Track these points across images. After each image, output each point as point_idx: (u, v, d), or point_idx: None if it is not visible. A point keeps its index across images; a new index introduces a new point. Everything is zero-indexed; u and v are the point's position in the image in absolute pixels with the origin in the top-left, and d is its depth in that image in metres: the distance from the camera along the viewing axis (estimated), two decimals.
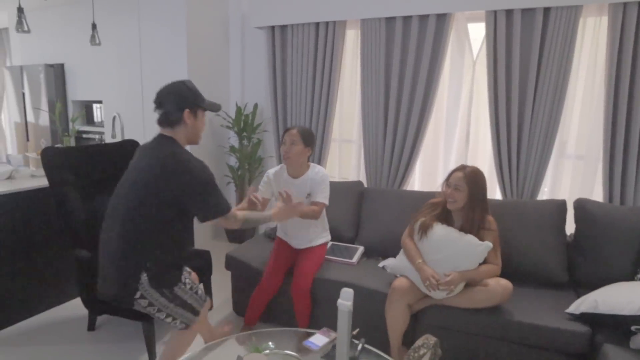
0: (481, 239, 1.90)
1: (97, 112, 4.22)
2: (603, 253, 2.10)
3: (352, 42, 3.33)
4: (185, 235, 1.70)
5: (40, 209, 2.47)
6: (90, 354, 2.19)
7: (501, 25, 2.67)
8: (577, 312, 1.78)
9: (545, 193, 2.91)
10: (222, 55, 3.73)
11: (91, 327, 2.40)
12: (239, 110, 3.59)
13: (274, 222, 1.91)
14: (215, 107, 1.73)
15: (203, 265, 2.52)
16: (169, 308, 1.64)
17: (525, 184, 2.76)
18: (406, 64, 2.99)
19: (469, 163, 3.04)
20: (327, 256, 2.44)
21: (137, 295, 1.57)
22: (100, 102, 4.01)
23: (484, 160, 3.04)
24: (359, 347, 1.54)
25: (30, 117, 4.50)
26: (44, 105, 4.21)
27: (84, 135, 4.28)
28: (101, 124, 4.20)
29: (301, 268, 2.22)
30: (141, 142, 3.86)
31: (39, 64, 4.16)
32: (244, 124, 3.62)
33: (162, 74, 3.50)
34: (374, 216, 2.62)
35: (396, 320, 1.96)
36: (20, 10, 2.69)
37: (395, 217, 2.51)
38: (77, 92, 4.17)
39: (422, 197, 2.57)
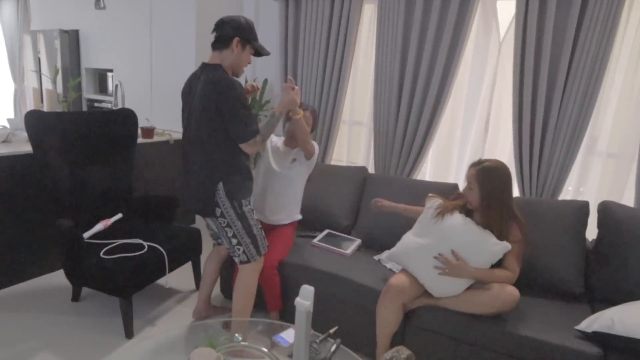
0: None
1: (110, 80, 4.16)
2: (627, 264, 1.85)
3: (368, 19, 3.10)
4: (240, 159, 1.81)
5: (33, 174, 2.41)
6: (72, 325, 2.15)
7: (534, 4, 2.38)
8: (589, 330, 1.57)
9: (569, 192, 2.64)
10: None
11: (75, 297, 2.35)
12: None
13: (280, 116, 1.89)
14: (264, 50, 1.86)
15: (193, 244, 2.43)
16: (237, 227, 1.83)
17: (547, 182, 2.50)
18: (425, 43, 2.75)
19: (487, 154, 2.83)
20: (319, 243, 2.30)
21: (215, 201, 1.78)
22: (111, 70, 3.94)
23: (503, 152, 2.78)
24: (333, 347, 1.39)
25: (47, 83, 4.50)
26: (60, 72, 4.18)
27: (96, 104, 4.24)
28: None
29: (272, 241, 2.17)
30: (146, 112, 3.86)
31: (55, 29, 4.12)
32: (252, 100, 3.46)
33: (170, 44, 3.38)
34: None
35: (388, 320, 1.79)
36: None
37: None
38: (90, 59, 4.12)
39: (432, 189, 2.38)
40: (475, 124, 2.84)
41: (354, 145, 3.35)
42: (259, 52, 1.85)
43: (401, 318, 1.80)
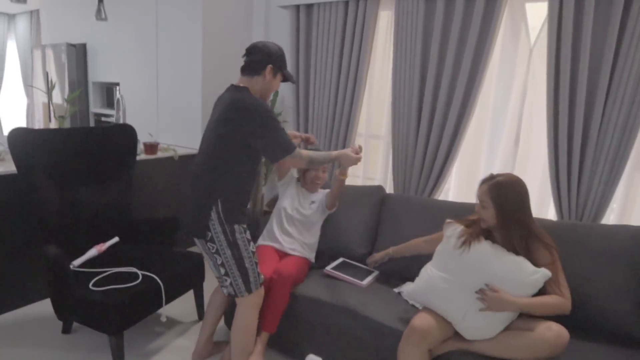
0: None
1: (117, 94, 4.05)
2: None
3: (385, 26, 2.90)
4: (250, 181, 1.76)
5: (22, 196, 2.24)
6: None
7: (569, 4, 2.14)
8: None
9: (613, 210, 2.35)
10: (244, 37, 3.41)
11: (66, 330, 2.16)
12: None
13: (336, 162, 1.92)
14: (292, 78, 1.84)
15: (194, 270, 2.22)
16: (226, 255, 1.68)
17: (588, 202, 2.22)
18: (446, 51, 2.52)
19: (517, 171, 2.57)
20: (333, 271, 2.07)
21: (207, 226, 1.66)
22: (117, 84, 3.83)
23: (536, 168, 2.51)
24: None
25: (57, 98, 4.42)
26: (66, 86, 4.10)
27: (103, 118, 4.13)
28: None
29: (287, 261, 2.04)
30: (152, 126, 3.72)
31: (62, 43, 4.04)
32: None
33: (176, 57, 3.24)
34: (395, 230, 2.19)
35: None
36: None
37: (421, 232, 2.06)
38: (97, 73, 4.02)
39: (457, 210, 2.13)
40: (504, 138, 2.59)
41: (371, 159, 3.12)
42: (287, 79, 1.83)
43: None
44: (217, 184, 1.67)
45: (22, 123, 5.99)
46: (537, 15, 2.42)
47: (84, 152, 2.13)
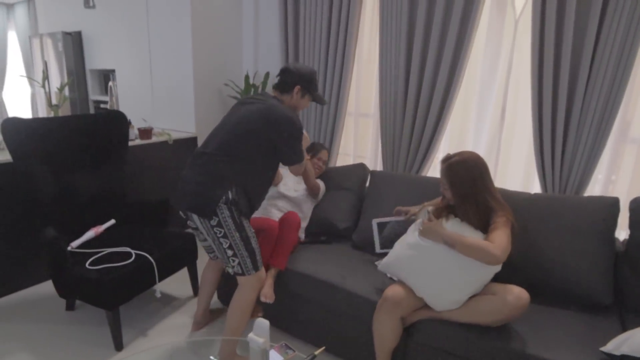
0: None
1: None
2: None
3: (372, 3, 2.87)
4: (265, 180, 1.89)
5: (19, 183, 2.34)
6: (63, 334, 2.09)
7: None
8: (617, 352, 1.34)
9: (599, 181, 2.36)
10: (233, 16, 3.41)
11: (70, 307, 2.30)
12: (246, 79, 3.29)
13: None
14: (322, 101, 1.99)
15: (188, 249, 2.32)
16: (234, 238, 1.73)
17: (571, 175, 2.24)
18: (432, 25, 2.50)
19: (504, 145, 2.58)
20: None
21: (215, 210, 1.68)
22: (113, 71, 3.89)
23: (522, 142, 2.52)
24: None
25: (57, 86, 4.50)
26: (65, 75, 4.17)
27: (102, 105, 4.21)
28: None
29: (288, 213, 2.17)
30: (147, 112, 3.79)
31: (58, 31, 4.09)
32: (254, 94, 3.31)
33: (167, 42, 3.27)
34: (378, 206, 2.25)
35: (385, 335, 1.62)
36: None
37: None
38: (94, 61, 4.08)
39: (437, 185, 2.16)
40: (491, 112, 2.59)
41: (360, 138, 3.15)
42: (316, 100, 1.98)
43: (400, 332, 1.62)
44: (236, 173, 1.73)
45: (27, 111, 6.12)
46: None
47: (76, 139, 2.21)
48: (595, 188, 2.36)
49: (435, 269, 1.58)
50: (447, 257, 1.57)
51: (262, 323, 0.99)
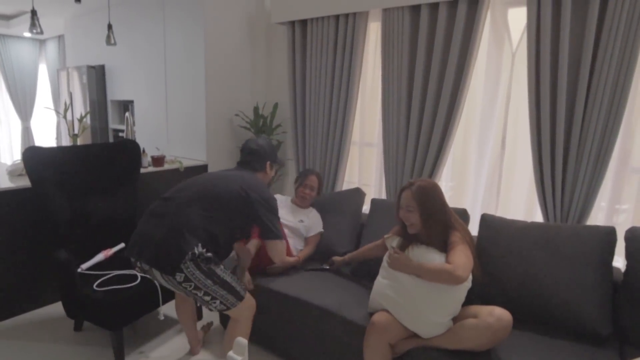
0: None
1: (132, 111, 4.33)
2: None
3: (375, 37, 3.01)
4: (233, 241, 1.92)
5: (37, 207, 2.48)
6: (69, 355, 2.15)
7: (546, 9, 2.19)
8: None
9: (602, 209, 2.35)
10: (245, 53, 3.60)
11: (78, 327, 2.37)
12: (255, 110, 3.43)
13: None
14: (282, 162, 2.20)
15: None
16: (207, 285, 1.68)
17: (572, 204, 2.24)
18: (432, 59, 2.61)
19: (505, 174, 2.61)
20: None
21: (179, 268, 1.62)
22: (132, 101, 4.11)
23: (525, 171, 2.54)
24: None
25: (78, 116, 4.76)
26: (88, 105, 4.42)
27: (120, 134, 4.42)
28: (135, 124, 4.30)
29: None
30: (163, 141, 3.96)
31: (83, 65, 4.37)
32: (262, 125, 3.45)
33: (182, 76, 3.46)
34: (377, 233, 2.29)
35: None
36: (33, 12, 2.78)
37: None
38: (114, 92, 4.32)
39: None
40: (491, 142, 2.64)
41: (365, 166, 3.22)
42: (281, 164, 2.19)
43: (389, 359, 1.63)
44: (206, 231, 1.68)
45: (52, 139, 6.44)
46: (519, 20, 2.47)
47: (91, 167, 2.35)
48: (598, 216, 2.35)
49: (410, 295, 1.62)
50: (418, 281, 1.62)
51: (241, 342, 1.04)
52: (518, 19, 2.47)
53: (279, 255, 1.93)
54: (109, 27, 3.16)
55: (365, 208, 2.76)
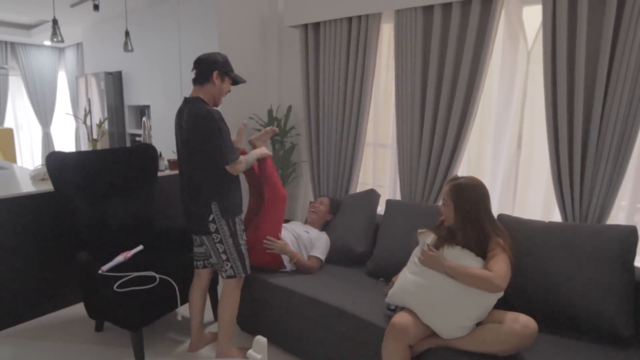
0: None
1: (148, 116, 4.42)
2: None
3: (388, 38, 3.01)
4: (233, 182, 2.00)
5: (59, 210, 2.55)
6: (91, 355, 2.20)
7: (562, 6, 2.16)
8: None
9: (623, 208, 2.30)
10: (259, 57, 3.64)
11: (99, 328, 2.42)
12: (269, 113, 3.47)
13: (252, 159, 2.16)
14: (241, 79, 2.07)
15: None
16: (228, 244, 1.99)
17: (592, 203, 2.20)
18: (445, 58, 2.60)
19: (522, 173, 2.58)
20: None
21: (210, 218, 1.94)
22: (148, 106, 4.18)
23: (541, 170, 2.51)
24: None
25: (97, 121, 4.87)
26: (106, 110, 4.52)
27: (137, 138, 4.51)
28: (151, 128, 4.39)
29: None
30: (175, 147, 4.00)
31: (101, 71, 4.48)
32: (277, 127, 3.47)
33: None
34: (392, 234, 2.29)
35: None
36: (54, 21, 2.85)
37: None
38: (131, 97, 4.41)
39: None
40: (507, 142, 2.61)
41: (379, 168, 3.22)
42: (237, 81, 2.07)
43: None
44: (209, 187, 1.93)
45: (72, 144, 6.60)
46: (535, 18, 2.45)
47: (110, 171, 2.40)
48: (619, 215, 2.31)
49: (439, 295, 1.60)
50: (450, 282, 1.58)
51: (261, 341, 1.05)
52: (533, 17, 2.44)
53: (238, 171, 1.97)
54: (127, 34, 3.24)
55: (380, 209, 2.76)
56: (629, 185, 2.26)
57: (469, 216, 1.65)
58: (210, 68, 1.94)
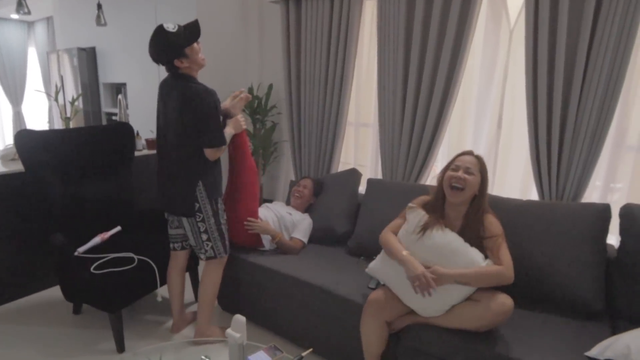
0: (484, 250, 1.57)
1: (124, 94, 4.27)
2: None
3: (370, 16, 2.96)
4: (215, 162, 1.97)
5: (32, 191, 2.46)
6: (68, 337, 2.17)
7: None
8: (602, 357, 1.35)
9: (597, 188, 2.36)
10: (239, 33, 3.54)
11: (77, 310, 2.38)
12: (250, 91, 3.39)
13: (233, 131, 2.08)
14: (193, 36, 1.84)
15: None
16: (210, 223, 1.97)
17: (568, 182, 2.24)
18: (428, 37, 2.57)
19: (501, 153, 2.61)
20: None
21: (193, 197, 1.91)
22: (124, 84, 4.04)
23: (520, 150, 2.54)
24: None
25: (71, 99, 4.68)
26: (79, 88, 4.35)
27: (113, 117, 4.37)
28: (128, 107, 4.24)
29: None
30: (153, 126, 3.90)
31: (74, 47, 4.28)
32: (257, 106, 3.41)
33: None
34: (373, 214, 2.29)
35: (371, 339, 1.65)
36: None
37: (396, 213, 2.16)
38: (106, 74, 4.24)
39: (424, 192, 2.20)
40: (488, 121, 2.62)
41: (361, 147, 3.21)
42: (194, 34, 1.86)
43: (385, 337, 1.65)
44: (194, 166, 1.89)
45: (44, 123, 6.36)
46: None
47: (85, 150, 2.32)
48: (593, 195, 2.37)
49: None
50: (433, 264, 1.59)
51: (239, 319, 1.05)
52: None
53: (216, 157, 1.92)
54: (99, 6, 3.08)
55: (361, 188, 2.76)
56: (604, 165, 2.31)
57: (486, 189, 1.66)
58: (168, 58, 1.82)
